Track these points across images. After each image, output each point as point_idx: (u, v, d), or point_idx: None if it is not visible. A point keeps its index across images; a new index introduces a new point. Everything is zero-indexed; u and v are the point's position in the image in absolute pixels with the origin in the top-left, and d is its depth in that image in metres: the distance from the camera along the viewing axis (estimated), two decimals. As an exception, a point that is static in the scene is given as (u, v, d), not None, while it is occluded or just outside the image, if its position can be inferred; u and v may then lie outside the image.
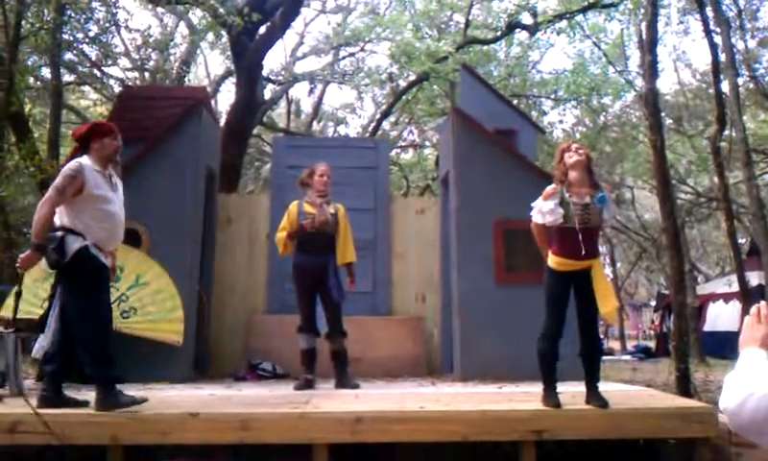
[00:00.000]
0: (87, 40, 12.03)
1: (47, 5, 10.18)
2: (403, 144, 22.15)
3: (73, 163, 4.75)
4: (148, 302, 6.94)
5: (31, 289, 7.18)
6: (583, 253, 4.83)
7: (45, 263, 4.77)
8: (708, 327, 19.80)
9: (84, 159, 4.81)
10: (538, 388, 5.08)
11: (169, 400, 4.80)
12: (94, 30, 11.98)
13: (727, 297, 18.93)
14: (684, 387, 7.99)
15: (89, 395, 4.82)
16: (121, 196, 5.00)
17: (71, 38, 11.89)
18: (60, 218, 4.71)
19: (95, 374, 4.66)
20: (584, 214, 4.86)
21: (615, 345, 28.00)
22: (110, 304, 4.95)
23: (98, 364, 4.64)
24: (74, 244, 4.62)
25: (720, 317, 19.21)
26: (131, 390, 4.81)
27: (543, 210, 4.95)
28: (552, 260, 4.98)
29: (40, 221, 4.56)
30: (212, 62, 29.55)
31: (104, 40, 12.29)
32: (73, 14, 11.12)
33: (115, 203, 4.87)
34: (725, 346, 16.70)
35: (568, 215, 4.86)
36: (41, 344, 6.11)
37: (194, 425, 4.52)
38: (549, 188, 5.00)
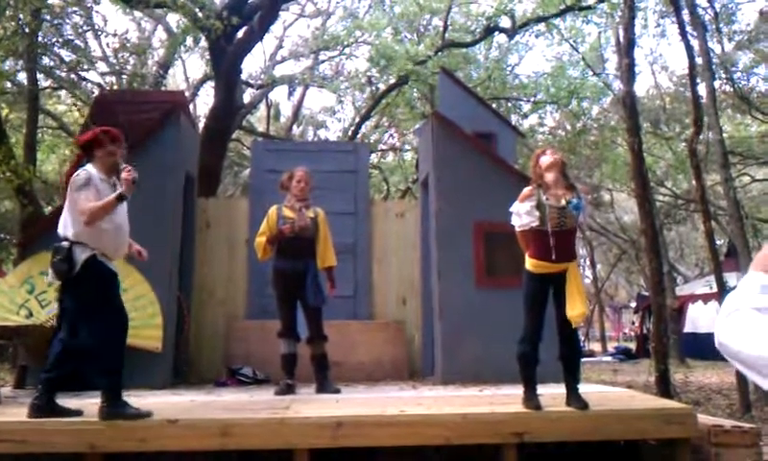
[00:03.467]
0: (63, 44, 11.92)
1: (23, 9, 10.08)
2: (383, 147, 22.17)
3: (81, 173, 4.67)
4: (127, 308, 6.86)
5: (7, 295, 7.12)
6: (554, 256, 4.86)
7: (52, 274, 4.70)
8: (688, 329, 19.96)
9: (90, 168, 4.74)
10: (519, 391, 5.09)
11: (149, 407, 4.75)
12: (71, 34, 11.88)
13: (706, 298, 19.08)
14: (665, 388, 8.04)
15: (84, 403, 4.77)
16: (125, 205, 4.91)
17: (47, 43, 11.78)
18: (65, 229, 4.66)
19: (103, 384, 4.59)
20: (559, 217, 4.89)
21: (596, 346, 28.19)
22: (124, 312, 4.82)
23: (107, 375, 4.58)
24: (82, 254, 4.56)
25: (700, 318, 19.36)
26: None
27: (520, 212, 4.98)
28: (528, 263, 5.02)
29: (96, 207, 4.53)
30: (191, 66, 29.49)
31: (80, 45, 12.18)
32: (48, 18, 11.02)
33: (119, 213, 4.79)
34: (705, 347, 16.87)
35: (544, 218, 4.88)
36: None
37: (173, 432, 4.48)
38: (526, 190, 5.04)
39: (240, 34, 12.66)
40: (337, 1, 19.81)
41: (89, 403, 4.75)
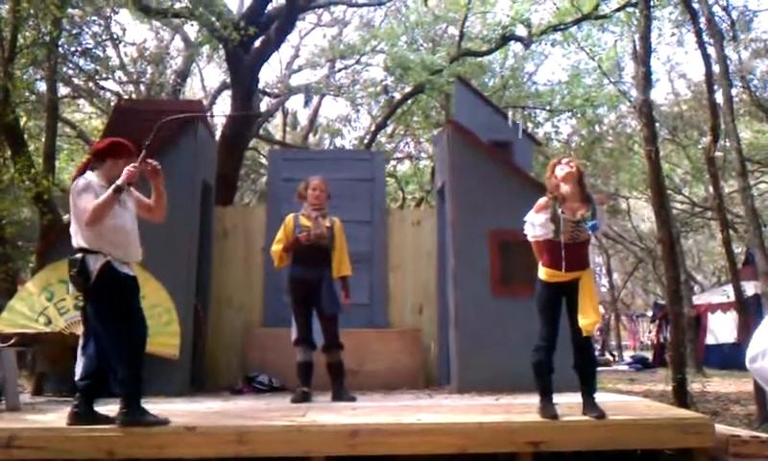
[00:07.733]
0: (82, 54, 12.05)
1: (44, 19, 10.20)
2: (399, 156, 22.18)
3: (80, 180, 4.73)
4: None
5: (26, 303, 7.18)
6: (564, 267, 4.85)
7: (72, 287, 4.74)
8: (710, 341, 19.67)
9: (89, 175, 4.79)
10: (535, 399, 5.07)
11: (166, 414, 4.77)
12: (90, 43, 12.01)
13: (724, 308, 18.80)
14: (682, 397, 7.98)
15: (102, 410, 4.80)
16: (132, 211, 4.94)
17: (66, 52, 11.91)
18: (76, 238, 4.69)
19: (122, 391, 4.62)
20: (574, 230, 4.88)
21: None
22: (143, 320, 4.85)
23: (126, 382, 4.60)
24: (95, 263, 4.60)
25: (720, 329, 19.06)
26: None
27: (535, 223, 4.97)
28: (541, 271, 5.02)
29: (96, 205, 4.56)
30: (208, 75, 29.65)
31: (99, 54, 12.30)
32: (68, 28, 11.14)
33: (125, 217, 4.81)
34: (726, 358, 16.71)
35: (558, 230, 4.87)
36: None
37: (191, 439, 4.51)
38: (541, 201, 5.01)
39: (257, 43, 12.74)
40: (353, 10, 19.88)
41: (108, 410, 4.78)
